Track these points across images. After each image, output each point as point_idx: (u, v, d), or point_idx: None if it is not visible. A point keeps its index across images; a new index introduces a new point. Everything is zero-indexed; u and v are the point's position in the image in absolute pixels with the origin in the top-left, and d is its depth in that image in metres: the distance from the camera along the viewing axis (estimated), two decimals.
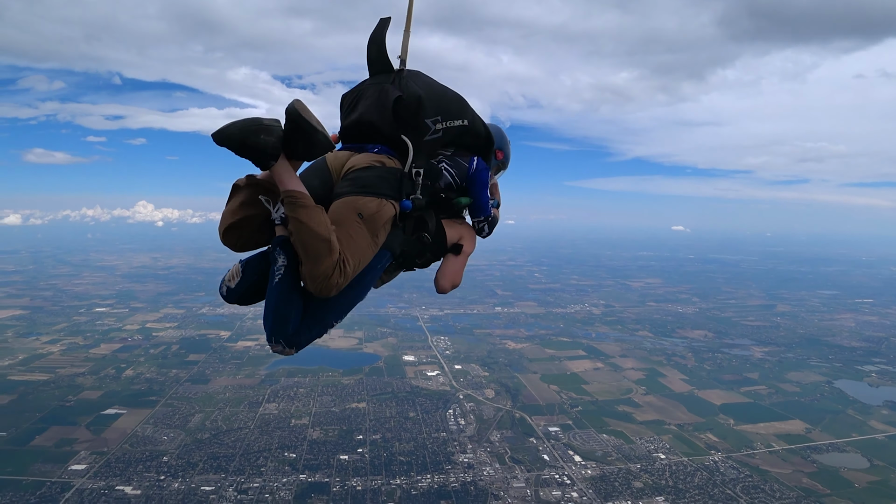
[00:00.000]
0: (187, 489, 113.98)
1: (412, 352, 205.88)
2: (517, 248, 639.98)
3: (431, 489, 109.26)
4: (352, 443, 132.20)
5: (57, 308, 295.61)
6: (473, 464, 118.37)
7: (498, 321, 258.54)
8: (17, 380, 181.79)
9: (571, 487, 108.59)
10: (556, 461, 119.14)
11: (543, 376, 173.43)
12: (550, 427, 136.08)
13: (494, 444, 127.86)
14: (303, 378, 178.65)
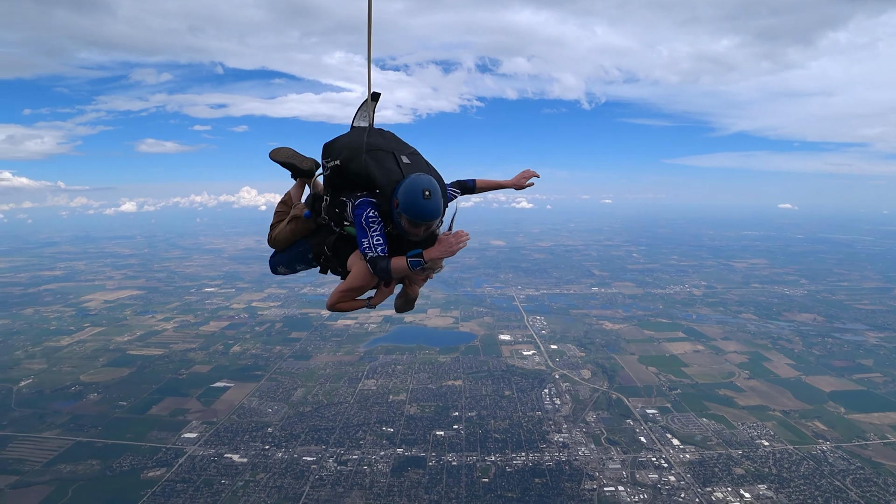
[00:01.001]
0: (290, 459, 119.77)
1: (508, 331, 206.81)
2: (614, 228, 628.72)
3: (526, 467, 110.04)
4: (448, 419, 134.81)
5: (170, 288, 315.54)
6: (568, 443, 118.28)
7: (595, 301, 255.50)
8: (135, 354, 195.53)
9: (669, 471, 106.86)
10: (653, 444, 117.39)
11: (641, 358, 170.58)
12: (648, 409, 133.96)
13: (590, 424, 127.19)
14: (400, 356, 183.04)
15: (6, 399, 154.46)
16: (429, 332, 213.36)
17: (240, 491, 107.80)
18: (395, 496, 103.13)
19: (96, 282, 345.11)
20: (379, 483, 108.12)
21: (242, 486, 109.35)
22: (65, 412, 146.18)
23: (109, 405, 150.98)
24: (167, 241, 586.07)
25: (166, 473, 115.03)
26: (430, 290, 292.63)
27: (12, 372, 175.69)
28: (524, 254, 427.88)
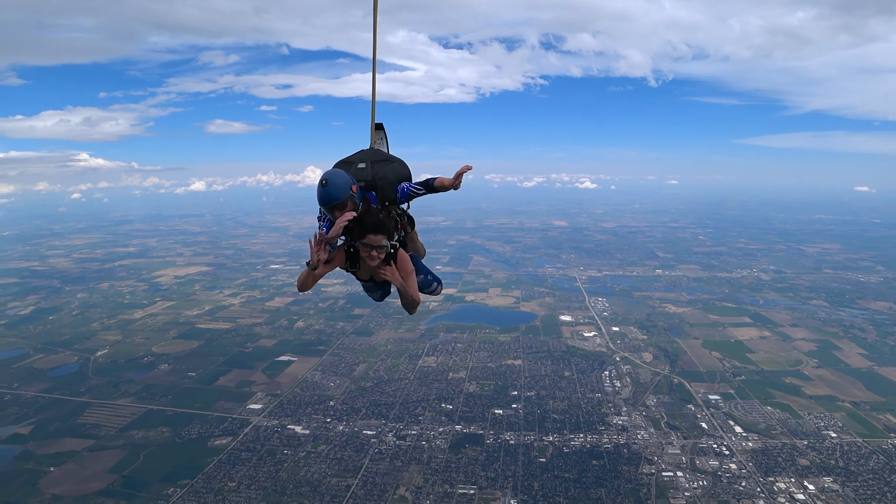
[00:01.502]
0: (351, 432, 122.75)
1: (569, 312, 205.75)
2: (680, 210, 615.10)
3: (584, 448, 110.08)
4: (506, 398, 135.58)
5: (237, 265, 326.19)
6: (628, 426, 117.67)
7: (658, 284, 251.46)
8: (203, 328, 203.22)
9: (730, 458, 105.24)
10: (714, 430, 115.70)
11: (705, 342, 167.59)
12: (710, 395, 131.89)
13: (650, 408, 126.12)
14: (461, 334, 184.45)
15: (84, 368, 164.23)
16: (489, 311, 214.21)
17: (301, 461, 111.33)
18: (453, 472, 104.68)
19: (167, 258, 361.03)
20: (437, 459, 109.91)
21: (304, 457, 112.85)
22: (137, 381, 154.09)
23: (179, 376, 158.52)
24: (235, 220, 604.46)
25: (232, 442, 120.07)
26: (492, 270, 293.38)
27: (89, 342, 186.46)
28: (587, 234, 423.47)
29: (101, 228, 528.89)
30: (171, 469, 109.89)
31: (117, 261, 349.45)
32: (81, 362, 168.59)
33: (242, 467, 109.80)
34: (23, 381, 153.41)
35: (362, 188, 14.29)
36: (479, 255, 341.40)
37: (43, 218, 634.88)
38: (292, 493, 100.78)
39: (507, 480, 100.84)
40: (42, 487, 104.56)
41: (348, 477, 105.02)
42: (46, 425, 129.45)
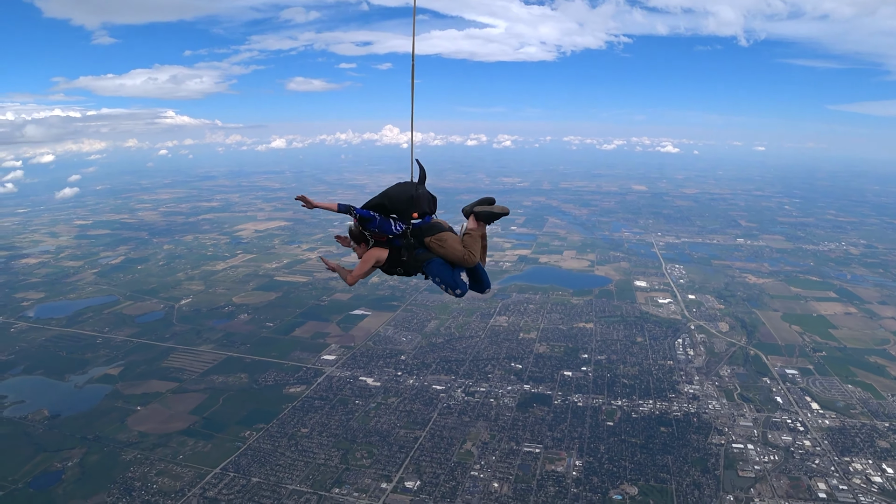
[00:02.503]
0: (420, 386, 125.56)
1: (644, 278, 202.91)
2: (766, 178, 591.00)
3: (652, 415, 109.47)
4: (576, 360, 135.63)
5: (315, 221, 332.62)
6: (699, 395, 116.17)
7: (739, 253, 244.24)
8: (281, 280, 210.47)
9: (804, 435, 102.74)
10: (790, 405, 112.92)
11: (785, 315, 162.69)
12: (788, 369, 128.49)
13: (724, 378, 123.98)
14: (533, 295, 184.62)
15: (169, 315, 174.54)
16: (563, 274, 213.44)
17: (372, 412, 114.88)
18: (519, 430, 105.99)
19: (248, 213, 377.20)
20: (504, 416, 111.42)
21: (375, 408, 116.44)
22: (218, 329, 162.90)
23: (257, 325, 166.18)
24: (313, 177, 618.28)
25: (306, 390, 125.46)
26: (567, 233, 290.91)
27: (174, 291, 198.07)
28: (666, 200, 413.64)
29: (186, 184, 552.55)
30: (248, 413, 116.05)
31: (201, 215, 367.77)
32: (167, 310, 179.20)
33: (315, 415, 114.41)
34: (113, 326, 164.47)
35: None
36: (554, 218, 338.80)
37: (132, 173, 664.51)
38: (362, 441, 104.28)
39: (573, 442, 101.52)
40: (129, 424, 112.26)
41: (417, 429, 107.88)
42: (134, 367, 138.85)
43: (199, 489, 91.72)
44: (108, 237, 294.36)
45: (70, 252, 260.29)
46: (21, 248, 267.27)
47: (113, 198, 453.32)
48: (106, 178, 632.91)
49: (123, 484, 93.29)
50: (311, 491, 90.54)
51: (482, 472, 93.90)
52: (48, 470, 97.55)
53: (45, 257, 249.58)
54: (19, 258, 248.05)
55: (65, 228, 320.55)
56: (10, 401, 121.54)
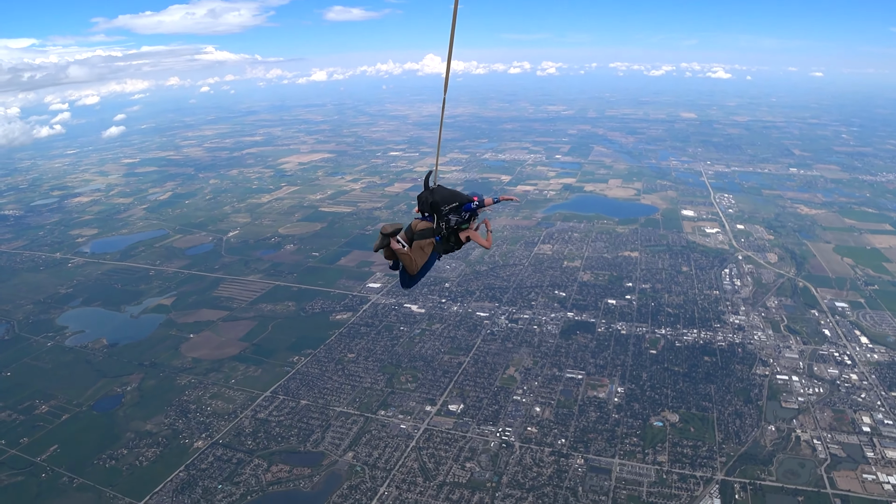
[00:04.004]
0: (464, 313, 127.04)
1: (692, 207, 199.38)
2: (823, 105, 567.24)
3: (696, 344, 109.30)
4: (621, 289, 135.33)
5: (357, 152, 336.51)
6: (744, 326, 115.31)
7: (791, 183, 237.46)
8: (326, 211, 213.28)
9: (851, 368, 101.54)
10: (838, 338, 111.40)
11: (837, 247, 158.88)
12: (837, 302, 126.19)
13: (770, 309, 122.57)
14: (578, 223, 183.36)
15: (217, 247, 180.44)
16: (608, 202, 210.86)
17: (416, 338, 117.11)
18: (562, 356, 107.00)
19: (291, 146, 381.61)
20: (547, 343, 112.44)
21: (419, 334, 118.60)
22: (266, 260, 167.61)
23: (304, 255, 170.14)
24: (355, 108, 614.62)
25: (352, 317, 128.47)
26: (613, 161, 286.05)
27: (222, 224, 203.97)
28: (716, 128, 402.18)
29: (229, 119, 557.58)
30: (296, 339, 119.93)
31: (245, 149, 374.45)
32: (215, 242, 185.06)
33: (361, 340, 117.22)
34: (164, 259, 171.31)
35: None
36: (600, 146, 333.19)
37: (176, 111, 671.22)
38: (407, 366, 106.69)
39: (615, 369, 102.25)
40: (183, 351, 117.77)
41: (460, 355, 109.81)
42: (186, 297, 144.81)
43: (251, 411, 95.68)
44: (156, 174, 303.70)
45: (119, 189, 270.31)
46: (73, 188, 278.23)
47: (158, 135, 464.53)
48: (150, 116, 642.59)
49: (179, 406, 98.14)
50: (357, 413, 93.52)
51: (524, 396, 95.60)
52: (109, 394, 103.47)
53: (97, 195, 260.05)
54: (72, 197, 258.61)
55: (113, 167, 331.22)
56: (70, 331, 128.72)
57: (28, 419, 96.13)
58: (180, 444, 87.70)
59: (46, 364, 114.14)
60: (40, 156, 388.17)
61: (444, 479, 77.63)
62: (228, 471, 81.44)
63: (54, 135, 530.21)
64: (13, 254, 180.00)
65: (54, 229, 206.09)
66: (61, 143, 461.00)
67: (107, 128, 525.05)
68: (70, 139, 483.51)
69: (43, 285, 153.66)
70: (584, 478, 76.73)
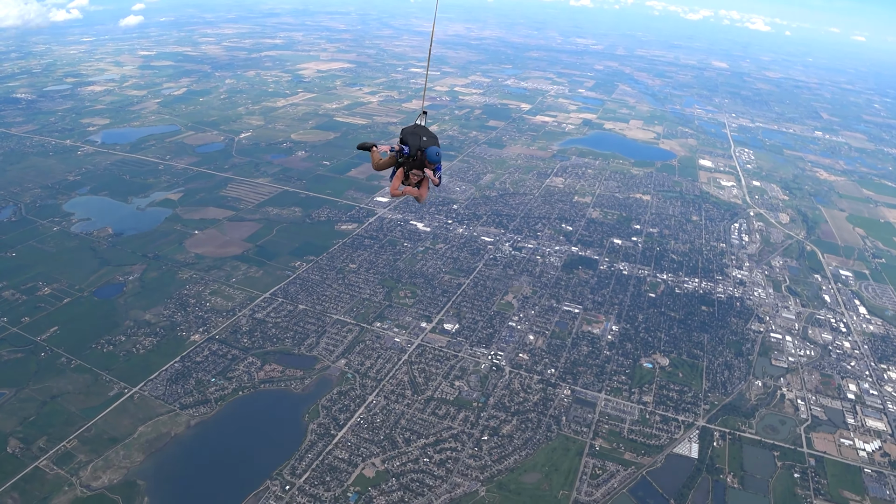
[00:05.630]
0: (469, 236, 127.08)
1: (710, 157, 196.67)
2: (860, 72, 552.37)
3: (696, 293, 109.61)
4: (628, 230, 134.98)
5: (378, 65, 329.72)
6: (746, 282, 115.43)
7: (814, 146, 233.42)
8: (341, 121, 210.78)
9: (845, 336, 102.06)
10: (837, 305, 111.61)
11: (851, 216, 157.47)
12: (842, 270, 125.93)
13: (774, 269, 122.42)
14: (593, 160, 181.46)
15: (229, 147, 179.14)
16: (627, 143, 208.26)
17: (419, 255, 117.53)
18: (562, 289, 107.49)
19: (311, 52, 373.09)
20: (548, 274, 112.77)
21: (422, 252, 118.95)
22: (276, 164, 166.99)
23: (314, 163, 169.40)
24: (380, 20, 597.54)
25: (357, 228, 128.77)
26: (637, 102, 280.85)
27: (234, 125, 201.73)
28: (747, 81, 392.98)
29: (249, 20, 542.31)
30: (300, 245, 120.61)
31: (264, 51, 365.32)
32: (226, 142, 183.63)
33: (364, 252, 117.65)
34: (174, 154, 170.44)
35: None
36: (625, 85, 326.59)
37: (196, 6, 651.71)
38: (407, 282, 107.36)
39: (612, 307, 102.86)
40: (187, 247, 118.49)
41: (461, 276, 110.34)
42: (193, 194, 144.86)
43: (249, 310, 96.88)
44: (171, 69, 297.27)
45: (134, 81, 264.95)
46: (87, 76, 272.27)
47: (176, 30, 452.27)
48: (170, 9, 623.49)
49: (179, 300, 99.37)
50: (353, 322, 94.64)
51: (520, 323, 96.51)
52: (111, 282, 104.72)
53: (110, 85, 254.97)
54: (85, 85, 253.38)
55: (129, 58, 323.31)
56: (77, 217, 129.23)
57: (30, 300, 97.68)
58: (177, 336, 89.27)
59: (51, 248, 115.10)
60: (55, 40, 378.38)
61: (432, 395, 79.14)
62: (222, 366, 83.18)
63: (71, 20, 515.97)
64: (23, 137, 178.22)
65: (66, 116, 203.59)
66: (78, 28, 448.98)
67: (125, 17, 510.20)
68: (87, 25, 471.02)
69: (52, 171, 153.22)
70: (569, 408, 78.16)
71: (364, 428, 73.31)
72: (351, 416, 75.25)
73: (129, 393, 77.40)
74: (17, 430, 70.97)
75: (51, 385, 78.49)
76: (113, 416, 73.58)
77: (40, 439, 69.82)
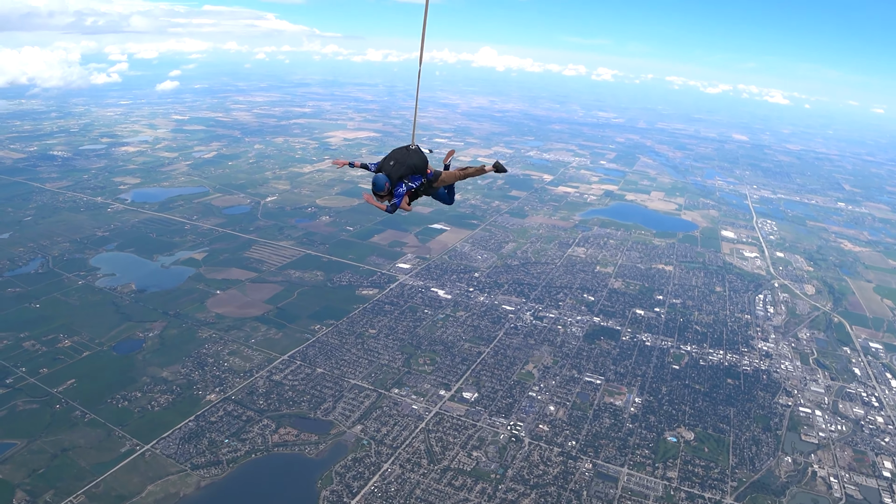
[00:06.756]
0: (490, 304, 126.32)
1: (733, 228, 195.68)
2: (881, 143, 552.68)
3: (721, 365, 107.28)
4: (651, 301, 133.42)
5: (403, 134, 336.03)
6: (772, 354, 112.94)
7: (837, 217, 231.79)
8: (365, 187, 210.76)
9: (878, 411, 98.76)
10: (868, 379, 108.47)
11: (878, 287, 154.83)
12: (872, 342, 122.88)
13: (801, 341, 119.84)
14: (615, 230, 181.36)
15: (255, 210, 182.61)
16: (648, 214, 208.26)
17: (440, 322, 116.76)
18: (583, 359, 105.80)
19: (339, 121, 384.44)
20: (569, 344, 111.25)
21: (443, 319, 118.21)
22: (300, 228, 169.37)
23: (338, 228, 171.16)
24: (406, 92, 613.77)
25: (378, 294, 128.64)
26: (658, 174, 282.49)
27: (261, 189, 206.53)
28: (767, 153, 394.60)
29: (280, 88, 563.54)
30: (320, 308, 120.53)
31: (293, 119, 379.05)
32: (253, 205, 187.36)
33: (384, 318, 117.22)
34: (201, 215, 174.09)
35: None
36: (646, 157, 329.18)
37: (230, 74, 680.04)
38: (426, 349, 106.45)
39: (635, 378, 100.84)
40: (208, 306, 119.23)
41: (481, 344, 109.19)
42: (217, 254, 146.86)
43: (267, 372, 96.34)
44: (203, 133, 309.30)
45: (166, 143, 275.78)
46: (122, 137, 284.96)
47: (210, 96, 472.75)
48: (205, 77, 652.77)
49: (198, 358, 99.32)
50: (371, 388, 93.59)
51: (540, 394, 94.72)
52: (131, 337, 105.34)
53: (144, 146, 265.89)
54: (120, 146, 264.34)
55: (163, 121, 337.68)
56: (102, 272, 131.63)
57: (50, 351, 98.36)
58: (193, 395, 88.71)
59: (75, 301, 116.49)
60: (94, 102, 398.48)
61: (448, 465, 77.23)
62: (237, 427, 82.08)
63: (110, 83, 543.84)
64: (57, 192, 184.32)
65: (99, 174, 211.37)
66: (116, 91, 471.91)
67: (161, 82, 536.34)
68: (125, 89, 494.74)
69: (81, 226, 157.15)
70: (591, 482, 75.74)
71: (378, 497, 71.48)
72: (365, 483, 73.51)
73: (141, 450, 76.50)
74: (24, 482, 70.28)
75: (63, 438, 77.93)
76: (123, 473, 72.70)
77: (47, 493, 69.01)
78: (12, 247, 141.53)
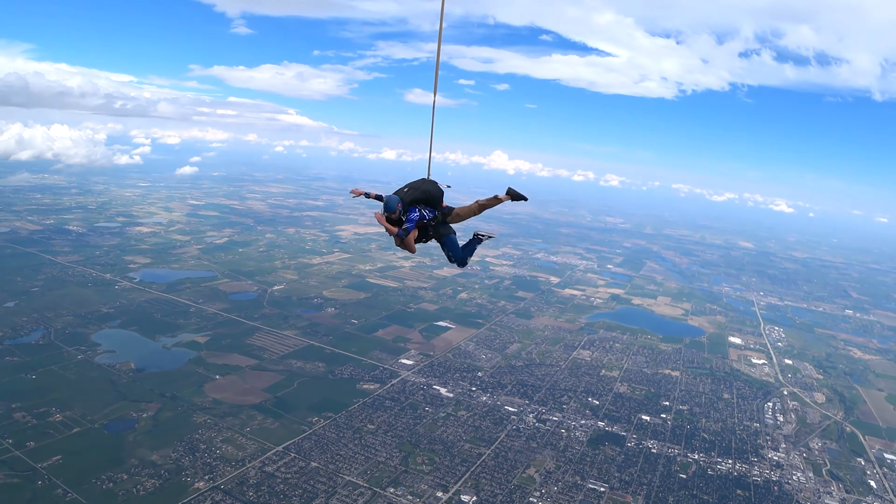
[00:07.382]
0: (493, 404, 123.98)
1: (740, 335, 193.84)
2: (885, 252, 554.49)
3: (730, 475, 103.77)
4: (657, 406, 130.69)
5: None
6: (783, 464, 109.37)
7: (846, 325, 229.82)
8: (373, 282, 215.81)
9: None
10: (884, 492, 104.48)
11: (890, 396, 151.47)
12: (887, 453, 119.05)
13: (813, 451, 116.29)
14: (621, 334, 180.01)
15: (261, 297, 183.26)
16: (655, 318, 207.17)
17: (440, 421, 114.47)
18: (587, 466, 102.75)
19: (351, 216, 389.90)
20: (573, 449, 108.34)
21: (443, 418, 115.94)
22: (305, 318, 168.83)
23: (342, 320, 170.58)
24: None
25: (379, 389, 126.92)
26: (664, 279, 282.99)
27: (269, 277, 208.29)
28: (773, 260, 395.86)
29: (296, 181, 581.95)
30: (319, 400, 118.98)
31: (305, 211, 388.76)
32: (259, 292, 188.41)
33: (384, 413, 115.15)
34: (207, 299, 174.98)
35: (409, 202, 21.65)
36: (653, 262, 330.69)
37: (248, 164, 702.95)
38: (425, 448, 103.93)
39: (640, 487, 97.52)
40: (206, 390, 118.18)
41: (482, 446, 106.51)
42: (220, 339, 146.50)
43: (259, 462, 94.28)
44: (216, 219, 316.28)
45: (180, 226, 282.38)
46: (137, 217, 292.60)
47: (227, 184, 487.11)
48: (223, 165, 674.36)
49: (189, 444, 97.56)
50: (366, 486, 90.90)
51: (541, 499, 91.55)
52: (124, 416, 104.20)
53: (157, 228, 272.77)
54: (134, 225, 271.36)
55: (179, 205, 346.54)
56: (103, 349, 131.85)
57: (39, 424, 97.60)
58: (181, 482, 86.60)
59: (72, 375, 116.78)
60: (115, 182, 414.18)
61: None
62: None
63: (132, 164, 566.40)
64: (67, 266, 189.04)
65: (111, 251, 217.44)
66: (137, 173, 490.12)
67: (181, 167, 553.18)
68: (145, 172, 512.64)
69: (87, 301, 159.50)
70: None
71: None
72: None
73: None
74: None
75: None
76: None
77: None
78: (16, 316, 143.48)
